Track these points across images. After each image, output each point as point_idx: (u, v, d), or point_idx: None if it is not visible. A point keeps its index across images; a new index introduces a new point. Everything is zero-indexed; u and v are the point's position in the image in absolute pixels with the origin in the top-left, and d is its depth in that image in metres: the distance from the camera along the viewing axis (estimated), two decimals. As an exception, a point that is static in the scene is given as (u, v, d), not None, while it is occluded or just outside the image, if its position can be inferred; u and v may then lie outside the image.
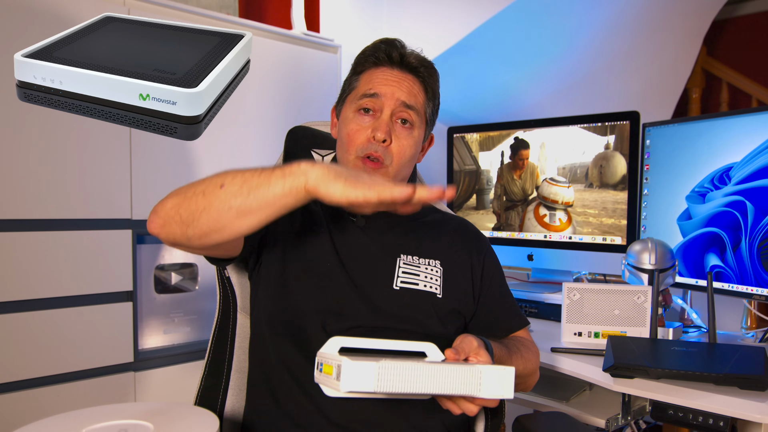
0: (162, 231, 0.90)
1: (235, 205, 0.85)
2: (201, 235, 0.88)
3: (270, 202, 0.84)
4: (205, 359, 1.15)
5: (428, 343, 0.93)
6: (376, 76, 1.10)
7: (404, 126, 1.08)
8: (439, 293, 1.07)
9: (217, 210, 0.85)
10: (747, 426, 1.12)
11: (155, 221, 0.90)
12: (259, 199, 0.84)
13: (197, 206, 0.86)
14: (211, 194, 0.86)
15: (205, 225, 0.86)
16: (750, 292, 1.49)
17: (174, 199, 0.89)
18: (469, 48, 2.23)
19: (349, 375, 0.75)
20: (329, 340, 0.88)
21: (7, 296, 1.34)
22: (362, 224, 1.10)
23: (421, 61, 1.12)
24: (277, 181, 0.84)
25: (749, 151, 1.49)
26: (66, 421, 0.83)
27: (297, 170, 0.83)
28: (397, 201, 0.80)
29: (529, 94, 2.61)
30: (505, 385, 0.82)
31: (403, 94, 1.08)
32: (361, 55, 1.14)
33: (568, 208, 1.81)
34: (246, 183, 0.85)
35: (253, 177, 0.85)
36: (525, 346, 1.12)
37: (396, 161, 1.08)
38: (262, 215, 0.86)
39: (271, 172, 0.85)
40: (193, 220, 0.87)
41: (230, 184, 0.85)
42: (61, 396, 1.40)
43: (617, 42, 2.68)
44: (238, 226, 0.87)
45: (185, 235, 0.88)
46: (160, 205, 0.90)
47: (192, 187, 0.89)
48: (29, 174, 1.36)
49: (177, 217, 0.88)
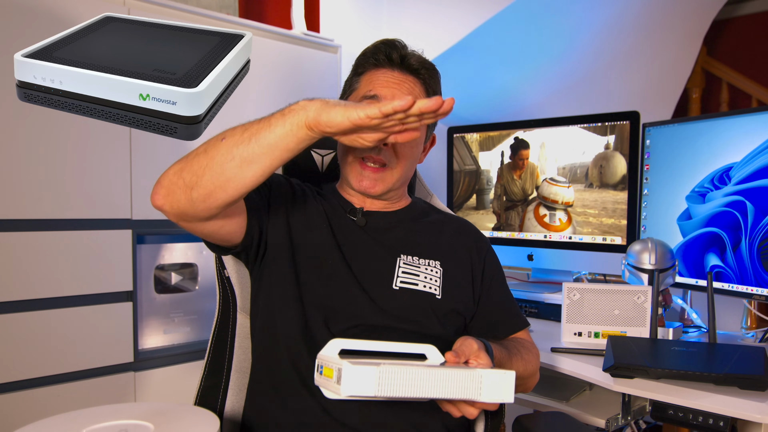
0: (166, 201, 0.89)
1: (238, 154, 0.85)
2: (206, 196, 0.87)
3: (273, 145, 0.84)
4: (205, 359, 1.15)
5: (428, 345, 0.93)
6: (377, 77, 1.10)
7: None
8: (438, 294, 1.06)
9: (220, 163, 0.85)
10: (747, 426, 1.12)
11: (158, 191, 0.89)
12: (261, 144, 0.84)
13: (200, 165, 0.86)
14: (213, 149, 0.86)
15: (209, 182, 0.86)
16: (750, 292, 1.49)
17: (176, 165, 0.89)
18: (469, 48, 2.23)
19: (350, 379, 0.75)
20: (329, 342, 0.88)
21: (7, 296, 1.34)
22: (362, 224, 1.10)
23: (421, 63, 1.12)
24: (277, 122, 0.84)
25: (749, 151, 1.49)
26: (66, 421, 0.83)
27: (296, 107, 0.84)
28: (399, 111, 0.79)
29: (529, 94, 2.61)
30: (505, 389, 0.83)
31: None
32: (362, 56, 1.14)
33: (568, 208, 1.81)
34: (247, 130, 0.85)
35: (253, 124, 0.86)
36: (525, 347, 1.12)
37: (399, 163, 1.08)
38: (266, 161, 0.85)
39: (270, 116, 0.86)
40: (198, 180, 0.86)
41: (231, 135, 0.86)
42: (61, 396, 1.40)
43: (617, 42, 2.68)
44: (243, 176, 0.86)
45: (190, 199, 0.87)
46: (162, 176, 0.90)
47: (193, 150, 0.89)
48: (29, 174, 1.36)
49: (180, 182, 0.87)
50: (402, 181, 1.12)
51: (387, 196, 1.13)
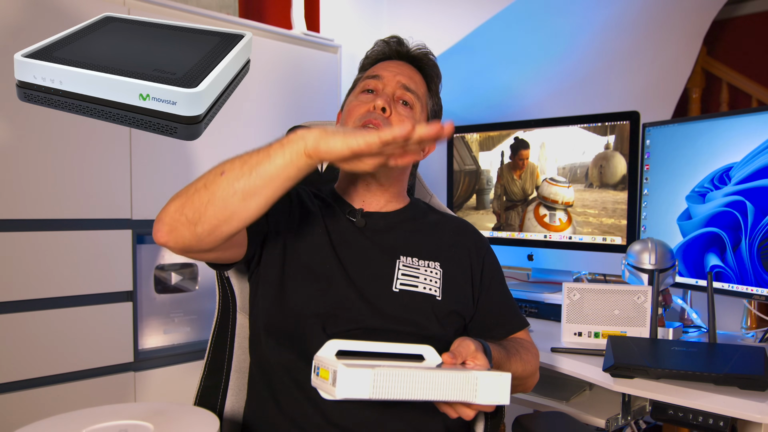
0: (170, 238, 0.87)
1: (240, 188, 0.84)
2: (211, 230, 0.86)
3: (274, 176, 0.83)
4: (205, 359, 1.15)
5: (426, 346, 0.93)
6: (380, 64, 1.16)
7: (405, 107, 1.11)
8: (438, 295, 1.06)
9: (222, 198, 0.84)
10: (747, 426, 1.12)
11: (161, 229, 0.87)
12: (262, 176, 0.83)
13: (201, 201, 0.85)
14: (213, 184, 0.85)
15: (213, 217, 0.85)
16: (750, 292, 1.49)
17: (176, 201, 0.87)
18: (469, 48, 2.23)
19: (345, 381, 0.75)
20: (326, 343, 0.88)
21: (7, 296, 1.34)
22: (362, 225, 1.10)
23: (424, 54, 1.18)
24: (276, 153, 0.83)
25: (749, 151, 1.49)
26: (66, 422, 0.83)
27: (294, 137, 0.83)
28: (398, 140, 0.78)
29: (529, 94, 2.61)
30: (501, 391, 0.82)
31: (403, 78, 1.12)
32: (370, 50, 1.20)
33: (568, 208, 1.81)
34: (246, 163, 0.84)
35: (252, 156, 0.85)
36: (524, 347, 1.12)
37: None
38: (268, 192, 0.84)
39: (269, 147, 0.84)
40: (201, 216, 0.85)
41: (230, 169, 0.85)
42: (61, 396, 1.40)
43: (617, 42, 2.68)
44: (246, 209, 0.85)
45: (194, 234, 0.86)
46: (162, 212, 0.88)
47: (192, 185, 0.87)
48: (29, 174, 1.36)
49: (183, 219, 0.86)
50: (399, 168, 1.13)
51: (382, 184, 1.13)
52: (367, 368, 0.76)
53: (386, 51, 1.19)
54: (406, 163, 0.85)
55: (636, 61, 2.84)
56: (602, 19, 2.50)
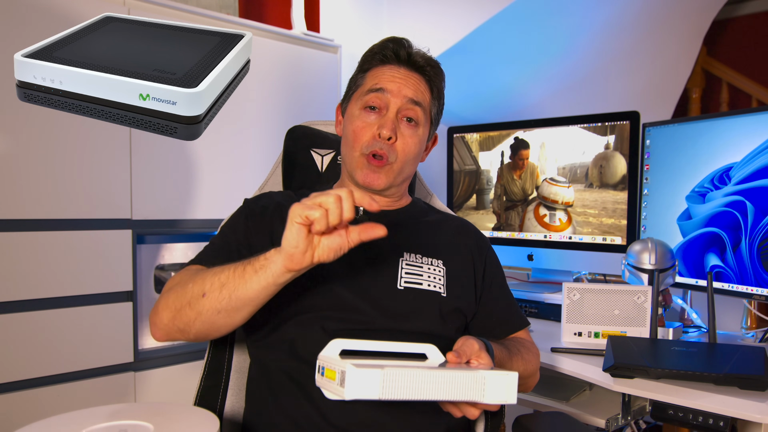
0: (167, 338, 0.96)
1: (222, 308, 0.89)
2: (203, 336, 0.95)
3: (253, 297, 0.88)
4: (205, 359, 1.15)
5: (429, 345, 0.93)
6: (383, 72, 1.11)
7: (410, 124, 1.09)
8: (443, 292, 1.06)
9: (207, 317, 0.90)
10: (747, 426, 1.12)
11: (157, 333, 0.96)
12: (242, 299, 0.88)
13: (188, 318, 0.92)
14: (197, 305, 0.90)
15: (202, 329, 0.92)
16: (750, 292, 1.49)
17: (167, 312, 0.94)
18: (469, 48, 2.23)
19: (354, 382, 0.75)
20: (330, 343, 0.88)
21: (7, 296, 1.34)
22: (364, 221, 1.10)
23: (427, 61, 1.14)
24: (251, 278, 0.87)
25: (749, 151, 1.49)
26: (66, 421, 0.83)
27: (265, 263, 0.86)
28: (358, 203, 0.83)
29: (529, 94, 2.61)
30: (508, 390, 0.82)
31: (409, 91, 1.09)
32: (369, 53, 1.15)
33: (568, 208, 1.81)
34: (224, 287, 0.88)
35: (229, 279, 0.88)
36: (525, 347, 1.12)
37: (400, 158, 1.08)
38: (251, 307, 0.90)
39: (243, 270, 0.88)
40: (190, 329, 0.93)
41: (210, 291, 0.89)
42: (61, 396, 1.40)
43: (617, 42, 2.68)
44: (232, 321, 0.92)
45: (187, 338, 0.95)
46: (157, 318, 0.95)
47: (178, 298, 0.93)
48: (29, 174, 1.36)
49: (175, 328, 0.94)
50: (403, 177, 1.12)
51: (389, 192, 1.13)
52: (377, 368, 0.76)
53: (387, 54, 1.13)
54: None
55: (636, 61, 2.84)
56: (602, 19, 2.50)
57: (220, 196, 1.67)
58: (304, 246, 0.82)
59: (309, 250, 0.83)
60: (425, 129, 1.12)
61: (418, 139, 1.10)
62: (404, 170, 1.10)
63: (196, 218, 1.63)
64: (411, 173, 1.14)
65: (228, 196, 1.67)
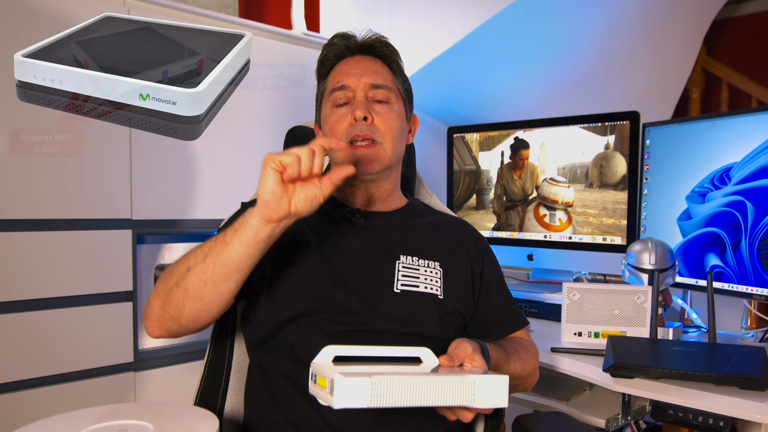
0: (161, 332, 0.96)
1: (208, 279, 0.89)
2: (194, 319, 0.93)
3: (236, 260, 0.88)
4: (205, 359, 1.15)
5: (423, 348, 0.93)
6: (340, 69, 1.13)
7: (381, 104, 1.10)
8: (440, 294, 1.06)
9: (195, 292, 0.90)
10: (747, 426, 1.12)
11: (151, 326, 0.96)
12: (226, 264, 0.88)
13: (178, 298, 0.91)
14: (183, 282, 0.91)
15: (193, 309, 0.92)
16: (750, 292, 1.49)
17: (157, 301, 0.94)
18: (469, 48, 2.23)
19: (342, 391, 0.75)
20: (323, 350, 0.87)
21: (7, 296, 1.34)
22: (361, 224, 1.10)
23: (376, 40, 1.15)
24: (231, 240, 0.88)
25: (749, 151, 1.49)
26: (66, 421, 0.83)
27: (243, 221, 0.88)
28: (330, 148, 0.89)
29: (529, 94, 2.61)
30: (499, 394, 0.82)
31: (368, 77, 1.10)
32: (320, 58, 1.18)
33: (568, 208, 1.81)
34: (208, 257, 0.89)
35: (212, 249, 0.89)
36: (523, 347, 1.12)
37: (387, 136, 1.08)
38: (237, 274, 0.90)
39: (224, 236, 0.89)
40: (181, 311, 0.92)
41: (194, 264, 0.90)
42: (61, 396, 1.40)
43: (617, 42, 2.68)
44: (221, 293, 0.91)
45: (181, 325, 0.94)
46: (149, 310, 0.95)
47: (166, 283, 0.94)
48: (29, 174, 1.36)
49: (167, 315, 0.93)
50: (396, 155, 1.11)
51: (379, 180, 1.12)
52: (365, 377, 0.75)
53: (337, 51, 1.15)
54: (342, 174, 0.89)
55: (636, 61, 2.84)
56: (602, 19, 2.50)
57: (220, 196, 1.67)
58: (280, 191, 0.85)
59: (284, 197, 0.86)
60: (399, 105, 1.13)
61: (395, 114, 1.11)
62: (395, 148, 1.10)
63: (196, 218, 1.63)
64: (401, 151, 1.14)
65: (228, 196, 1.67)
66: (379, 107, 1.09)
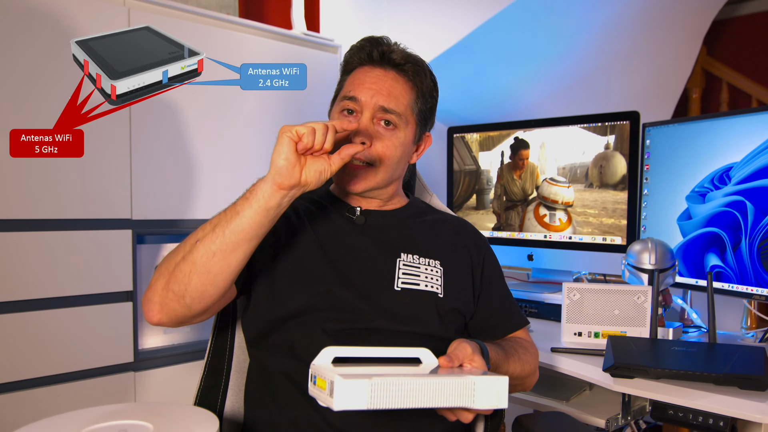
0: (163, 314, 0.91)
1: (217, 249, 0.88)
2: (199, 297, 0.90)
3: (247, 228, 0.88)
4: (205, 359, 1.15)
5: (422, 349, 0.93)
6: (358, 77, 1.10)
7: (387, 127, 1.07)
8: (440, 293, 1.06)
9: (203, 263, 0.88)
10: (747, 426, 1.12)
11: (152, 309, 0.91)
12: (236, 232, 0.88)
13: (184, 272, 0.89)
14: (191, 254, 0.88)
15: (198, 284, 0.89)
16: (750, 292, 1.49)
17: (160, 279, 0.91)
18: (469, 48, 2.23)
19: (342, 393, 0.75)
20: (322, 351, 0.87)
21: (7, 296, 1.34)
22: (362, 222, 1.10)
23: (406, 58, 1.10)
24: (242, 208, 0.88)
25: (749, 151, 1.49)
26: (66, 421, 0.83)
27: (254, 188, 0.89)
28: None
29: (529, 94, 2.62)
30: (499, 395, 0.82)
31: (381, 98, 1.06)
32: (348, 53, 1.15)
33: (568, 208, 1.81)
34: (217, 227, 0.88)
35: (221, 219, 0.89)
36: (523, 347, 1.12)
37: (383, 162, 1.07)
38: (246, 244, 0.89)
39: (233, 206, 0.89)
40: (186, 287, 0.89)
41: (203, 236, 0.89)
42: (61, 396, 1.40)
43: (617, 42, 2.68)
44: (229, 264, 0.89)
45: (185, 305, 0.90)
46: (150, 292, 0.92)
47: (171, 260, 0.91)
48: (29, 174, 1.36)
49: (171, 294, 0.90)
50: (388, 180, 1.10)
51: (372, 194, 1.11)
52: (364, 379, 0.75)
53: (363, 57, 1.11)
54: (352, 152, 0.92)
55: (636, 61, 2.85)
56: (602, 19, 2.50)
57: (220, 196, 1.66)
58: (294, 159, 0.87)
59: (297, 166, 0.87)
60: (407, 131, 1.10)
61: (398, 142, 1.08)
62: (389, 174, 1.09)
63: (196, 218, 1.63)
64: (399, 176, 1.13)
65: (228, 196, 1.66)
66: (384, 130, 1.07)
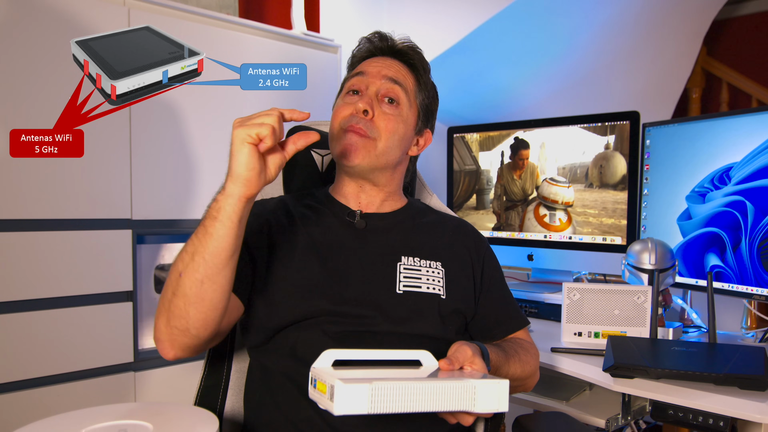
0: (176, 350, 0.91)
1: (202, 276, 0.86)
2: (203, 325, 0.89)
3: (225, 247, 0.86)
4: (205, 359, 1.15)
5: (423, 351, 0.92)
6: (365, 62, 1.14)
7: (390, 104, 1.09)
8: (443, 294, 1.06)
9: (195, 294, 0.87)
10: (747, 426, 1.12)
11: (163, 347, 0.91)
12: (215, 254, 0.86)
13: (179, 308, 0.88)
14: (180, 288, 0.87)
15: (198, 314, 0.88)
16: (750, 292, 1.49)
17: (161, 319, 0.90)
18: (469, 48, 2.23)
19: (342, 397, 0.75)
20: (322, 354, 0.87)
21: (7, 296, 1.34)
22: (362, 226, 1.10)
23: (411, 48, 1.15)
24: (213, 227, 0.86)
25: (749, 151, 1.49)
26: (66, 421, 0.83)
27: (221, 203, 0.86)
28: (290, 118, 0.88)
29: (529, 94, 2.61)
30: (499, 398, 0.82)
31: (389, 71, 1.10)
32: (356, 47, 1.19)
33: (568, 208, 1.81)
34: (196, 253, 0.86)
35: (196, 246, 0.87)
36: (524, 348, 1.11)
37: (383, 135, 1.06)
38: (229, 263, 0.88)
39: (203, 227, 0.87)
40: (187, 320, 0.88)
41: (184, 266, 0.87)
42: (61, 396, 1.40)
43: (617, 42, 2.68)
44: (220, 286, 0.88)
45: (192, 336, 0.90)
46: (157, 332, 0.91)
47: (164, 297, 0.91)
48: (29, 174, 1.36)
49: (175, 331, 0.89)
50: (387, 160, 1.09)
51: (372, 177, 1.10)
52: (365, 383, 0.75)
53: (371, 48, 1.16)
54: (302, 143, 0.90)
55: (636, 61, 2.84)
56: (602, 19, 2.50)
57: (220, 196, 1.67)
58: (260, 166, 0.84)
59: (263, 171, 0.85)
60: (410, 113, 1.11)
61: (400, 119, 1.08)
62: (388, 150, 1.07)
63: (196, 218, 1.63)
64: (395, 158, 1.10)
65: (228, 196, 1.66)
66: (387, 106, 1.08)
